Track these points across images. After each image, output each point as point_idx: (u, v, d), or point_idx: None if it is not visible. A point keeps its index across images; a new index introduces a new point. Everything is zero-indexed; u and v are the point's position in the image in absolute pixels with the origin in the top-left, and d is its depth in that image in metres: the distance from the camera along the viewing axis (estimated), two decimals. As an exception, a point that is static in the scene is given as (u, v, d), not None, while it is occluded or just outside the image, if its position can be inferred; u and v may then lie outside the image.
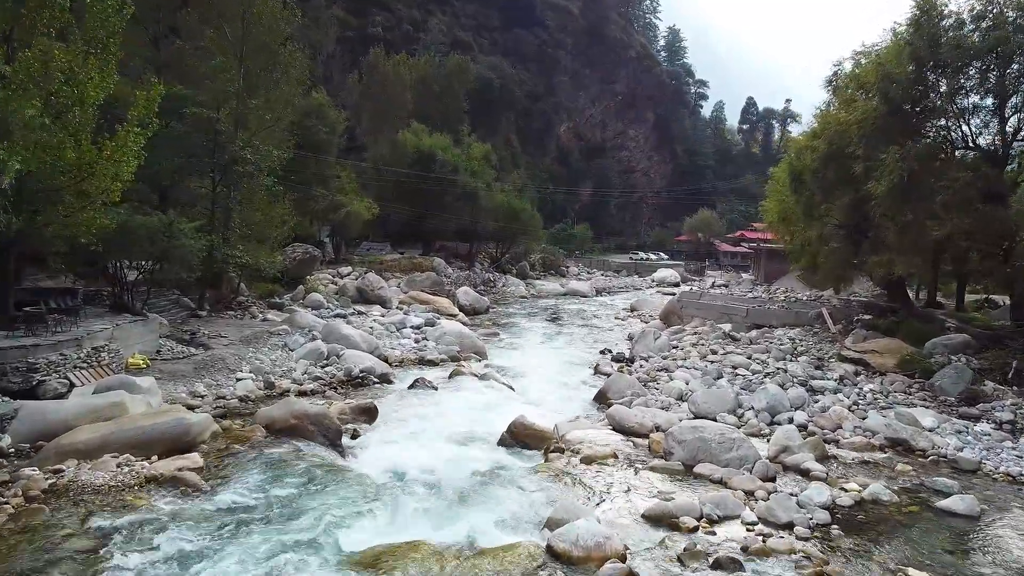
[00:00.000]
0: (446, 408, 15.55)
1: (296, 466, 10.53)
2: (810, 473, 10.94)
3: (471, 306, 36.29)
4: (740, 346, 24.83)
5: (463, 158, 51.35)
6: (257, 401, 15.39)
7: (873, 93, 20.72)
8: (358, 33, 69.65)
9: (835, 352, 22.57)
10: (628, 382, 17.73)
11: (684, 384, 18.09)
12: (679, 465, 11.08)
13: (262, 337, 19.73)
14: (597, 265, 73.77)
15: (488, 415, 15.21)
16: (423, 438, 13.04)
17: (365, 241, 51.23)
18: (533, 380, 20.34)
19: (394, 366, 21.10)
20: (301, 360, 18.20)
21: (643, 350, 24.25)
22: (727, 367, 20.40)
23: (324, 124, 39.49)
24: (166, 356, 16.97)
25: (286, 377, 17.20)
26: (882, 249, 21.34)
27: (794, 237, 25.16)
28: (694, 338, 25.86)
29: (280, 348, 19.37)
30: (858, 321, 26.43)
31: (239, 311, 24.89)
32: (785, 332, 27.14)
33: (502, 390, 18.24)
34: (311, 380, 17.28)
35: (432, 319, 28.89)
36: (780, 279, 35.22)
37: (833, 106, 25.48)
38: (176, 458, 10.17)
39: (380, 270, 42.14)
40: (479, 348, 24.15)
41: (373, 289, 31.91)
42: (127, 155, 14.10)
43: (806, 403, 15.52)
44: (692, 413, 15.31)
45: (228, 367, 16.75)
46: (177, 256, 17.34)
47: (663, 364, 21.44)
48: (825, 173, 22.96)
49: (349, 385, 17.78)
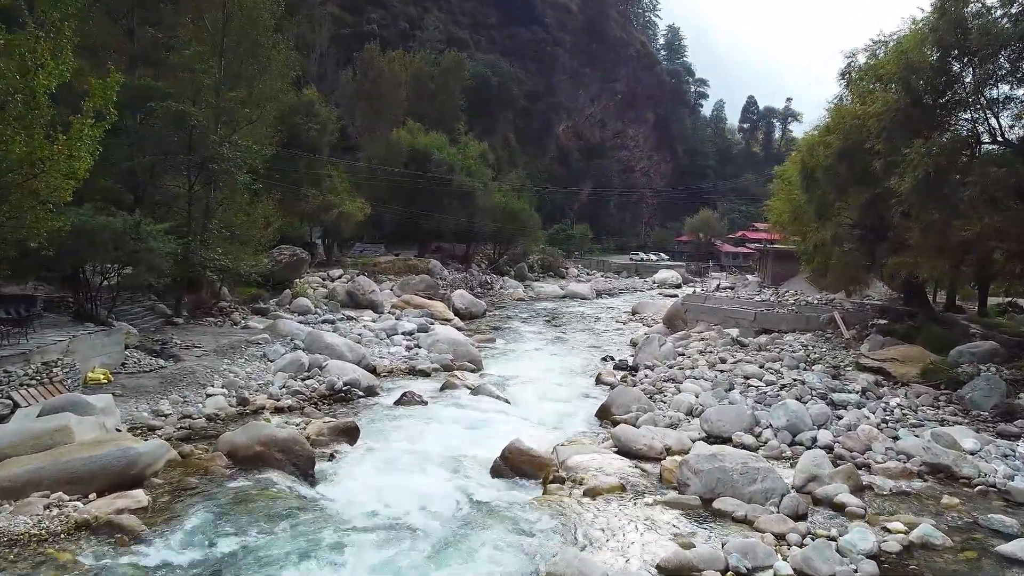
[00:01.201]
0: (435, 427, 14.20)
1: (256, 504, 9.17)
2: (845, 508, 9.59)
3: (467, 310, 34.94)
4: (750, 353, 23.49)
5: (459, 157, 49.97)
6: (228, 420, 14.03)
7: (894, 84, 19.39)
8: (353, 31, 68.29)
9: (852, 360, 21.25)
10: (633, 396, 16.37)
11: (693, 397, 16.73)
12: (696, 499, 9.72)
13: (239, 347, 18.37)
14: (597, 266, 72.43)
15: (481, 435, 13.87)
16: (407, 464, 11.69)
17: (359, 242, 49.85)
18: (531, 392, 19.00)
19: (382, 377, 19.76)
20: (279, 373, 16.84)
21: (647, 358, 22.91)
22: (738, 377, 19.04)
23: (315, 121, 38.15)
24: (131, 369, 15.60)
25: (262, 392, 15.84)
26: (902, 250, 20.04)
27: (806, 238, 23.80)
28: (701, 344, 24.49)
29: (259, 359, 18.01)
30: (873, 326, 25.08)
31: (220, 317, 23.53)
32: (796, 338, 25.80)
33: (497, 404, 16.89)
34: (289, 395, 15.92)
35: (425, 324, 27.55)
36: (788, 281, 33.88)
37: (846, 100, 24.22)
38: (117, 496, 8.81)
39: (373, 272, 40.78)
40: (474, 356, 22.80)
41: (364, 293, 30.55)
42: (81, 150, 12.73)
43: (829, 420, 14.17)
44: (704, 431, 13.96)
45: (198, 381, 15.39)
46: (145, 260, 15.97)
47: (669, 374, 20.09)
48: (839, 170, 21.64)
49: (331, 400, 16.41)
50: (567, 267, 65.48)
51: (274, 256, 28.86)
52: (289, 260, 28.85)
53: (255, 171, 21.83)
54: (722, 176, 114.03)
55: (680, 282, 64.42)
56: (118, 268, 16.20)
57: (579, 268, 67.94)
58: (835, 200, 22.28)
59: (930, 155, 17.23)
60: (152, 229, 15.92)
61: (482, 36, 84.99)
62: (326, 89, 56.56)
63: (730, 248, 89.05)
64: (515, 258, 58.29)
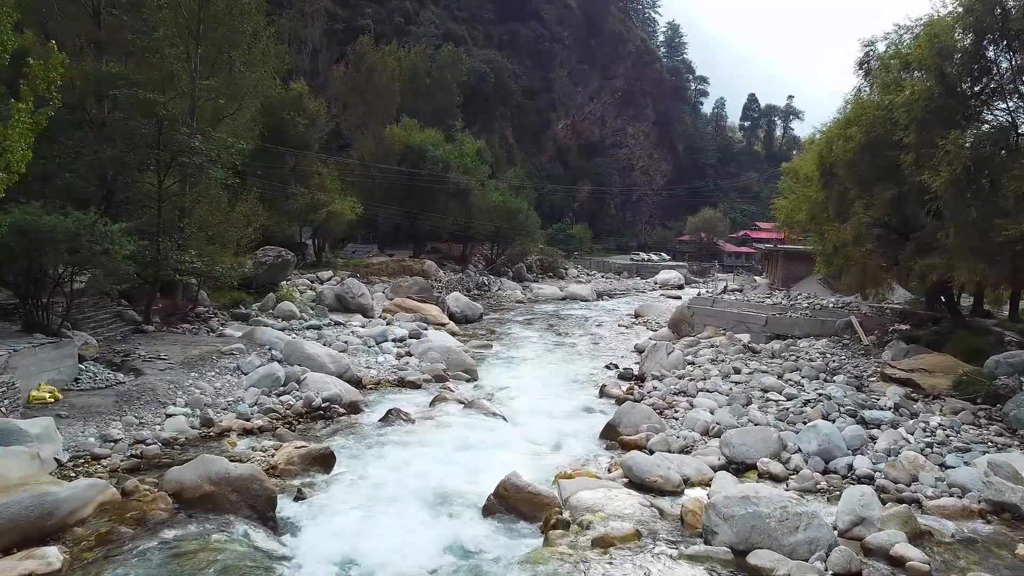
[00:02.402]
0: (421, 451, 12.61)
1: (198, 561, 7.57)
2: (906, 563, 8.01)
3: (462, 313, 33.35)
4: (763, 360, 21.96)
5: (455, 154, 48.35)
6: (187, 445, 12.44)
7: (924, 72, 17.83)
8: (347, 26, 66.59)
9: (875, 369, 19.73)
10: (642, 413, 14.79)
11: (708, 414, 15.17)
12: (726, 551, 8.15)
13: (210, 358, 16.76)
14: (597, 267, 70.85)
15: (473, 460, 12.30)
16: (387, 501, 10.11)
17: (351, 243, 48.27)
18: (529, 406, 17.41)
19: (368, 389, 18.18)
20: (251, 388, 15.22)
21: (654, 367, 21.33)
22: (755, 390, 17.49)
23: (303, 116, 36.54)
24: (85, 385, 13.99)
25: (230, 410, 14.23)
26: (930, 252, 18.51)
27: (825, 238, 22.24)
28: (711, 352, 22.94)
29: (231, 372, 16.40)
30: (893, 331, 23.57)
31: (196, 324, 21.92)
32: (811, 343, 24.28)
33: (492, 421, 15.30)
34: (261, 414, 14.32)
35: (418, 330, 25.94)
36: (799, 283, 32.33)
37: (864, 91, 22.70)
38: (26, 555, 7.22)
39: (366, 274, 39.21)
40: (468, 365, 21.22)
41: (354, 296, 28.93)
42: (16, 140, 11.12)
43: (864, 444, 12.61)
44: (725, 456, 12.40)
45: (159, 399, 13.78)
46: (101, 264, 14.38)
47: (680, 385, 18.51)
48: (861, 165, 20.10)
49: (308, 418, 14.82)
50: (566, 268, 63.90)
51: (258, 258, 27.31)
52: (274, 262, 27.24)
53: (233, 167, 20.21)
54: (723, 175, 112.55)
55: (682, 283, 62.87)
56: (72, 273, 14.60)
57: (579, 269, 66.35)
58: (856, 197, 20.72)
59: (968, 147, 15.72)
60: (110, 230, 14.30)
61: (479, 31, 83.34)
62: (318, 85, 54.99)
63: (732, 248, 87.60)
64: (513, 259, 56.71)
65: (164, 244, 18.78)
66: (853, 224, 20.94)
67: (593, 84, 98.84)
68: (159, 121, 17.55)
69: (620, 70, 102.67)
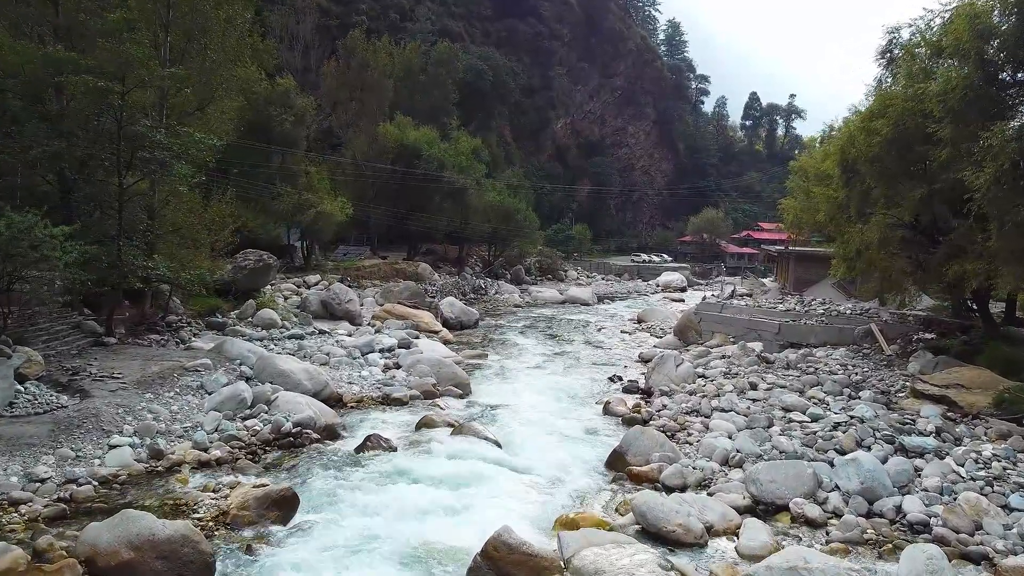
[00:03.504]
0: (401, 490, 10.94)
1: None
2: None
3: (457, 319, 31.68)
4: (778, 371, 20.33)
5: (451, 153, 46.65)
6: (129, 484, 10.76)
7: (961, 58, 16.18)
8: (341, 22, 64.88)
9: (903, 383, 18.08)
10: (653, 440, 13.11)
11: (727, 440, 13.51)
12: (771, 640, 6.49)
13: (171, 376, 15.06)
14: (597, 268, 69.18)
15: (461, 502, 10.63)
16: (353, 560, 8.43)
17: (342, 244, 46.57)
18: (526, 427, 15.76)
19: (349, 408, 16.51)
20: (212, 412, 13.52)
21: (662, 380, 19.68)
22: (776, 409, 15.83)
23: (290, 113, 34.85)
24: (20, 411, 12.29)
25: (187, 438, 12.56)
26: (964, 256, 16.89)
27: (847, 240, 20.58)
28: (723, 363, 21.27)
29: (193, 391, 14.70)
30: (918, 341, 21.91)
31: (166, 335, 20.23)
32: (828, 353, 22.64)
33: (484, 447, 13.60)
34: (222, 442, 12.62)
35: (407, 339, 24.29)
36: (812, 287, 30.68)
37: (887, 81, 21.08)
38: None
39: (357, 277, 37.54)
40: (460, 379, 19.55)
41: (340, 302, 27.24)
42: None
43: (911, 480, 10.94)
44: (751, 494, 10.75)
45: (103, 426, 12.09)
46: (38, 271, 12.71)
47: (692, 403, 16.85)
48: (887, 161, 18.47)
49: (276, 446, 13.13)
50: (566, 270, 62.21)
51: (237, 262, 25.61)
52: (255, 266, 25.52)
53: (204, 164, 18.54)
54: (724, 175, 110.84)
55: (685, 285, 61.25)
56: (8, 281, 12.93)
57: (578, 271, 64.66)
58: (881, 196, 19.09)
59: (1015, 140, 14.08)
60: (50, 233, 12.63)
61: (476, 28, 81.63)
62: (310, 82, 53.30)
63: (735, 249, 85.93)
64: (511, 260, 55.06)
65: (126, 248, 17.08)
66: (877, 225, 19.30)
67: (593, 82, 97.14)
68: (117, 112, 15.85)
69: (620, 68, 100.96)
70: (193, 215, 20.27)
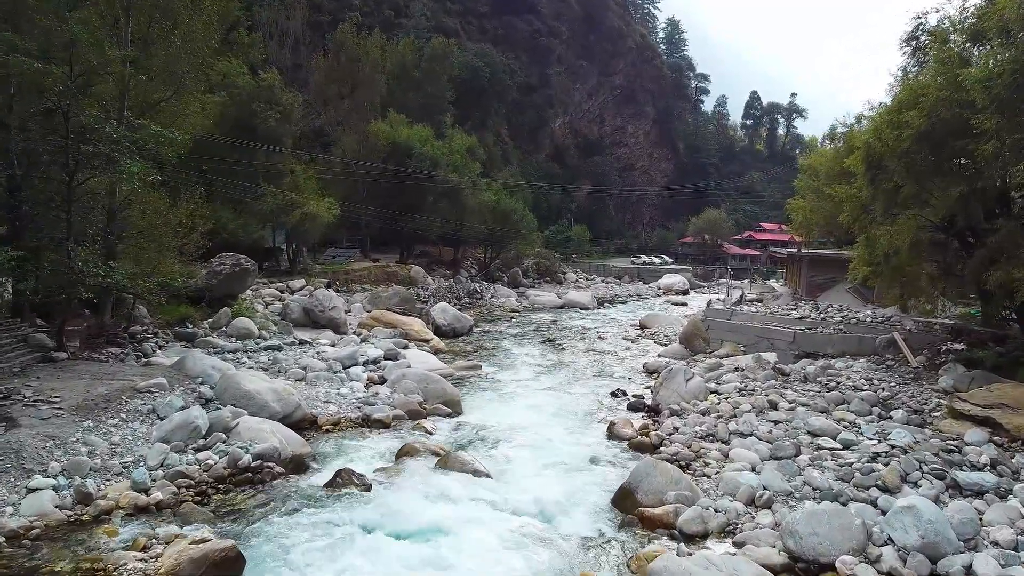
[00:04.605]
0: (371, 545, 9.19)
1: None
2: None
3: (449, 327, 29.92)
4: (795, 385, 18.63)
5: (445, 151, 44.88)
6: (44, 537, 9.00)
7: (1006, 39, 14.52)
8: (333, 18, 63.10)
9: (937, 401, 16.37)
10: (667, 475, 11.35)
11: (752, 475, 11.76)
12: None
13: (119, 398, 13.29)
14: (596, 270, 67.41)
15: (443, 560, 8.89)
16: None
17: (332, 246, 44.80)
18: (521, 452, 14.05)
19: (323, 432, 14.75)
20: (159, 444, 11.73)
21: (671, 396, 17.94)
22: (802, 433, 14.12)
23: (275, 109, 33.08)
24: (-70, 445, 10.55)
25: (125, 476, 10.79)
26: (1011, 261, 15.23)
27: (873, 243, 18.87)
28: (737, 377, 19.53)
29: (142, 417, 12.93)
30: (947, 352, 20.20)
31: (127, 348, 18.47)
32: (848, 365, 20.95)
33: (472, 483, 11.88)
34: (167, 480, 10.84)
35: (395, 349, 22.54)
36: (826, 293, 28.96)
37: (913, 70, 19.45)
38: None
39: (346, 281, 35.73)
40: (450, 396, 17.81)
41: (324, 310, 25.46)
42: None
43: (977, 531, 9.21)
44: (789, 550, 9.01)
45: (24, 464, 10.32)
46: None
47: (706, 425, 15.09)
48: (918, 157, 16.82)
49: (232, 483, 11.35)
50: (564, 272, 60.45)
51: (212, 266, 23.84)
52: (231, 271, 23.72)
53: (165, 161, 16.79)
54: (725, 175, 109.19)
55: (687, 288, 59.53)
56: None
57: (577, 273, 62.89)
58: (911, 195, 17.40)
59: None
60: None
61: (473, 25, 79.87)
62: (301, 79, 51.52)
63: (737, 250, 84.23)
64: (508, 263, 53.30)
65: (77, 253, 15.31)
66: (907, 227, 17.61)
67: (591, 81, 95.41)
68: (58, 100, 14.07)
69: (619, 66, 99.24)
70: (158, 216, 18.51)
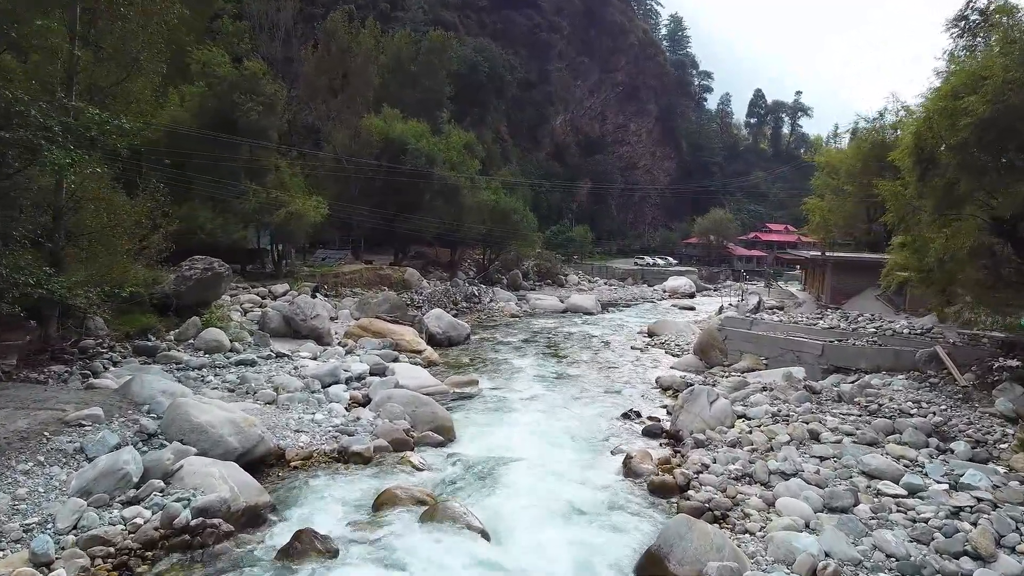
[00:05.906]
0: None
1: None
2: None
3: (444, 335, 27.71)
4: (829, 406, 16.44)
5: (441, 147, 42.67)
6: None
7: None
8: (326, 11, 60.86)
9: (1001, 430, 14.20)
10: (705, 540, 9.12)
11: (808, 537, 9.53)
12: None
13: (41, 434, 11.06)
14: (598, 272, 65.23)
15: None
16: None
17: (323, 247, 42.63)
18: (522, 498, 11.83)
19: (290, 470, 12.53)
20: (74, 498, 9.47)
21: (693, 421, 15.74)
22: (855, 473, 11.95)
23: (258, 101, 30.86)
24: None
25: (25, 543, 8.55)
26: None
27: (923, 248, 16.70)
28: (766, 398, 17.31)
29: (65, 459, 10.69)
30: (1000, 369, 18.01)
31: (75, 365, 16.26)
32: (886, 382, 18.72)
33: (464, 543, 9.67)
34: (78, 547, 8.61)
35: (382, 364, 20.35)
36: (853, 299, 26.76)
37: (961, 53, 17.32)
38: None
39: (335, 284, 33.57)
40: (441, 421, 15.60)
41: (305, 318, 23.23)
42: None
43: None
44: (877, 657, 6.79)
45: None
46: None
47: (740, 462, 12.84)
48: (979, 148, 14.67)
49: (165, 548, 9.11)
50: (566, 273, 58.26)
51: (182, 270, 21.65)
52: (202, 276, 21.49)
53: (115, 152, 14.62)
54: (729, 174, 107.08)
55: (694, 291, 57.37)
56: None
57: (579, 275, 60.69)
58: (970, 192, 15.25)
59: None
60: None
61: (471, 19, 77.73)
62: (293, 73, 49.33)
63: (743, 251, 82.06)
64: (508, 264, 51.14)
65: (2, 258, 13.08)
66: (967, 230, 15.43)
67: (593, 77, 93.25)
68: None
69: (621, 63, 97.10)
70: (111, 216, 16.29)
